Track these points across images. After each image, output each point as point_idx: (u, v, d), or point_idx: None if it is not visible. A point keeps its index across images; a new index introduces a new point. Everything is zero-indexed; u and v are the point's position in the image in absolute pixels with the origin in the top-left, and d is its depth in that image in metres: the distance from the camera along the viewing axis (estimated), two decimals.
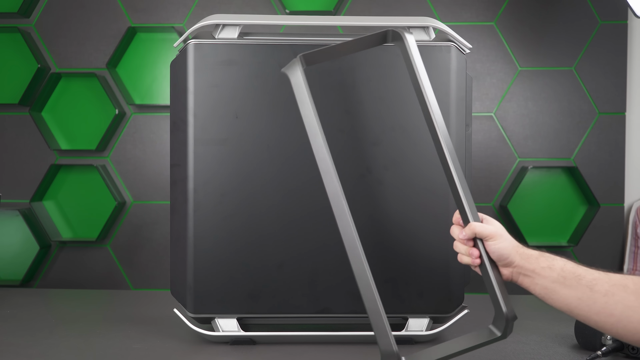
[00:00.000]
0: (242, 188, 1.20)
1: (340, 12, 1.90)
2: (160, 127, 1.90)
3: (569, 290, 0.97)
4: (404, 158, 1.21)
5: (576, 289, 0.97)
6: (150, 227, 1.90)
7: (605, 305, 0.94)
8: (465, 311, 1.25)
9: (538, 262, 1.00)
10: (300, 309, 1.21)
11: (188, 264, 1.20)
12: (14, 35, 1.90)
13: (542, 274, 0.99)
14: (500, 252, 1.00)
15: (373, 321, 0.95)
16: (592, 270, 0.98)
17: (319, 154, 0.98)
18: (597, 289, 0.95)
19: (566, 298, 0.97)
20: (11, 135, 1.91)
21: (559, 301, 0.98)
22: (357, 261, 0.96)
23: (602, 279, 0.96)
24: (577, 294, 0.96)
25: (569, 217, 1.93)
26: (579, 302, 0.96)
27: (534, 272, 0.99)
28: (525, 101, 1.90)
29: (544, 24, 1.90)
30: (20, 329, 1.32)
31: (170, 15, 1.90)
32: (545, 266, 0.99)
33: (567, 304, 0.98)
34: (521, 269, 1.00)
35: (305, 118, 1.00)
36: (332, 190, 0.97)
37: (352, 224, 0.96)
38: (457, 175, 1.01)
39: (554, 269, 0.99)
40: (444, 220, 1.21)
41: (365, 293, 0.95)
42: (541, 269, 0.99)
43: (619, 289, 0.95)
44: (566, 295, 0.97)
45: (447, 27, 1.22)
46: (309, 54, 1.04)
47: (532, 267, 1.00)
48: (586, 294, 0.96)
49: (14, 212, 1.88)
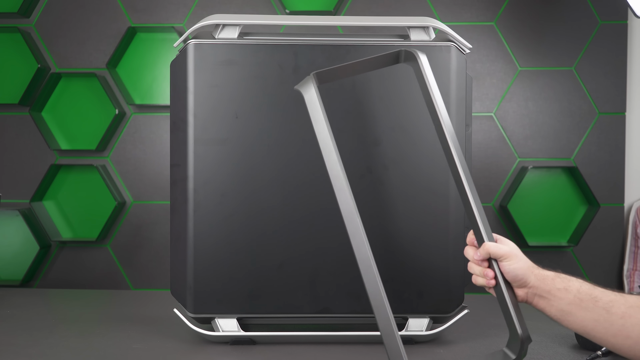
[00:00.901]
0: (242, 188, 1.20)
1: (340, 12, 1.90)
2: (160, 127, 1.90)
3: (585, 312, 0.96)
4: (404, 158, 1.21)
5: (593, 311, 0.96)
6: (150, 227, 1.90)
7: (622, 328, 0.94)
8: (465, 311, 1.25)
9: (554, 283, 0.99)
10: (300, 309, 1.21)
11: (188, 264, 1.20)
12: (14, 35, 1.90)
13: (558, 296, 0.98)
14: (516, 272, 0.99)
15: (387, 343, 0.94)
16: (608, 291, 0.97)
17: (333, 171, 0.96)
18: (613, 311, 0.94)
19: (582, 320, 0.96)
20: (11, 135, 1.91)
21: (575, 323, 0.97)
22: (373, 286, 0.93)
23: (619, 300, 0.95)
24: (594, 316, 0.95)
25: (569, 217, 1.93)
26: (596, 324, 0.95)
27: (549, 294, 0.98)
28: (525, 101, 1.90)
29: (544, 24, 1.90)
30: (20, 329, 1.32)
31: (170, 15, 1.90)
32: (562, 287, 0.98)
33: (584, 326, 0.97)
34: (537, 290, 0.99)
35: (319, 135, 0.98)
36: (346, 208, 0.95)
37: (367, 244, 0.94)
38: (472, 197, 1.00)
39: (570, 291, 0.97)
40: (444, 220, 1.21)
41: (381, 320, 0.93)
42: (557, 290, 0.98)
43: (636, 311, 0.94)
44: (583, 318, 0.96)
45: (447, 27, 1.22)
46: (323, 72, 1.04)
47: (547, 288, 0.98)
48: (603, 316, 0.95)
49: (14, 212, 1.88)
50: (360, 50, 1.20)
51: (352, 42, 1.21)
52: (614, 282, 1.93)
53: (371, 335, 1.22)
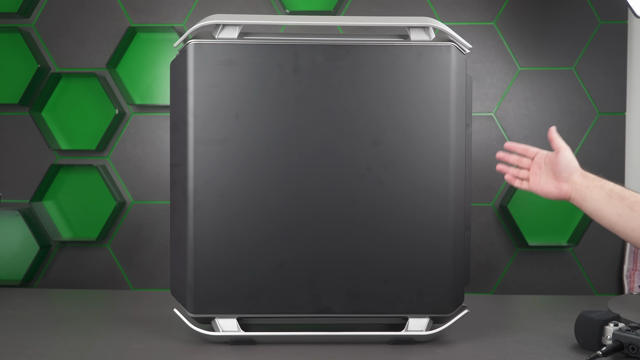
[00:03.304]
0: (242, 188, 1.20)
1: (340, 12, 1.90)
2: (160, 127, 1.90)
3: (612, 208, 1.12)
4: (404, 158, 1.21)
5: (618, 207, 1.11)
6: (150, 227, 1.90)
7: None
8: (465, 311, 1.25)
9: (593, 181, 1.16)
10: (300, 309, 1.21)
11: (188, 264, 1.20)
12: (14, 35, 1.90)
13: (593, 192, 1.14)
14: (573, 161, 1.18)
15: None
16: (637, 193, 1.12)
17: None
18: (636, 208, 1.10)
19: (610, 215, 1.12)
20: (11, 135, 1.91)
21: (603, 218, 1.13)
22: None
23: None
24: (618, 211, 1.11)
25: (569, 217, 1.93)
26: (619, 219, 1.11)
27: (587, 189, 1.15)
28: (525, 101, 1.90)
29: (544, 24, 1.90)
30: (20, 329, 1.32)
31: (170, 15, 1.90)
32: (598, 185, 1.15)
33: (609, 220, 1.12)
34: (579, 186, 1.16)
35: None
36: None
37: None
38: None
39: (604, 188, 1.14)
40: (444, 220, 1.21)
41: None
42: (594, 187, 1.15)
43: None
44: (610, 213, 1.12)
45: (447, 27, 1.22)
46: None
47: (587, 183, 1.15)
48: (625, 211, 1.11)
49: (14, 212, 1.88)
50: (360, 50, 1.20)
51: (352, 42, 1.21)
52: (614, 282, 1.93)
53: (371, 335, 1.22)
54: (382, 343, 1.23)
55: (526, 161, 1.26)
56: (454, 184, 1.21)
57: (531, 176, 1.25)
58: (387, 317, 1.23)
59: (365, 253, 1.20)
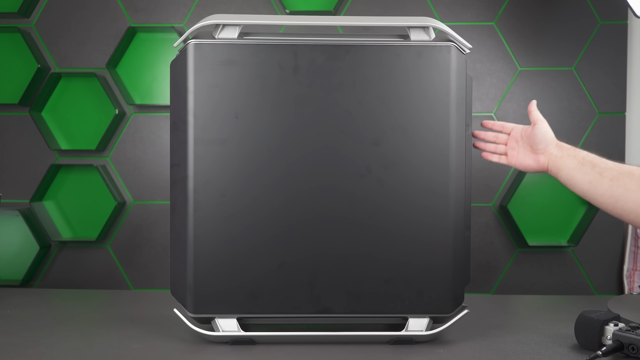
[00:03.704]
0: (242, 188, 1.20)
1: (340, 12, 1.90)
2: (160, 127, 1.90)
3: (583, 175, 1.14)
4: (404, 158, 1.21)
5: (589, 174, 1.14)
6: (150, 227, 1.91)
7: (609, 189, 1.11)
8: (465, 311, 1.25)
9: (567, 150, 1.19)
10: (300, 309, 1.21)
11: (188, 264, 1.20)
12: (14, 35, 1.90)
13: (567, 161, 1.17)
14: (549, 133, 1.21)
15: None
16: (609, 161, 1.15)
17: None
18: (605, 174, 1.12)
19: (581, 182, 1.15)
20: (11, 135, 1.91)
21: (576, 186, 1.16)
22: None
23: (613, 168, 1.13)
24: (589, 178, 1.14)
25: (569, 217, 1.93)
26: (590, 185, 1.14)
27: (561, 159, 1.18)
28: (525, 101, 1.90)
29: (544, 24, 1.90)
30: (20, 329, 1.32)
31: (170, 15, 1.90)
32: (571, 154, 1.18)
33: (581, 187, 1.15)
34: (554, 157, 1.19)
35: None
36: None
37: None
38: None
39: (577, 157, 1.17)
40: (444, 220, 1.21)
41: None
42: (567, 155, 1.18)
43: (624, 175, 1.11)
44: (581, 180, 1.15)
45: (447, 27, 1.23)
46: None
47: (561, 154, 1.18)
48: (596, 178, 1.13)
49: (14, 212, 1.88)
50: (360, 50, 1.21)
51: (352, 42, 1.21)
52: (614, 282, 1.93)
53: (371, 335, 1.22)
54: (382, 343, 1.23)
55: (503, 137, 1.29)
56: (454, 184, 1.21)
57: (509, 151, 1.27)
58: (387, 317, 1.23)
59: (365, 253, 1.21)
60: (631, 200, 1.09)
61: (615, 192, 1.11)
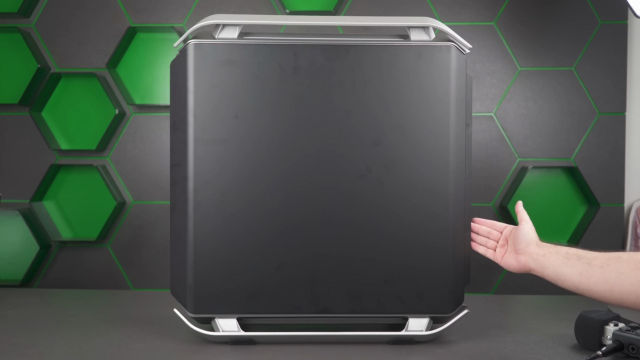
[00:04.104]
0: (242, 188, 1.20)
1: (340, 12, 1.90)
2: (160, 127, 1.90)
3: (571, 268, 1.13)
4: (404, 158, 1.21)
5: (577, 266, 1.12)
6: (150, 227, 1.90)
7: (602, 276, 1.09)
8: (465, 311, 1.25)
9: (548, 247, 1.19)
10: (300, 309, 1.21)
11: (188, 264, 1.20)
12: (14, 35, 1.90)
13: (551, 258, 1.16)
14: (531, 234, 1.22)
15: None
16: (593, 252, 1.14)
17: None
18: (594, 263, 1.11)
19: (571, 276, 1.13)
20: (11, 135, 1.91)
21: (566, 281, 1.14)
22: None
23: (600, 256, 1.13)
24: (578, 270, 1.12)
25: (569, 217, 1.93)
26: (581, 277, 1.12)
27: (544, 257, 1.17)
28: (525, 101, 1.90)
29: (544, 24, 1.90)
30: (20, 329, 1.32)
31: (170, 15, 1.90)
32: (553, 251, 1.17)
33: (572, 280, 1.13)
34: (536, 256, 1.18)
35: None
36: None
37: None
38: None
39: (560, 252, 1.16)
40: (444, 220, 1.21)
41: None
42: (550, 253, 1.17)
43: (613, 260, 1.10)
44: (570, 273, 1.13)
45: (447, 27, 1.23)
46: None
47: (542, 252, 1.18)
48: (585, 268, 1.11)
49: (14, 212, 1.88)
50: (360, 50, 1.21)
51: (352, 42, 1.21)
52: None
53: (371, 335, 1.22)
54: (382, 343, 1.23)
55: (495, 234, 1.29)
56: (454, 184, 1.21)
57: (498, 248, 1.27)
58: (387, 317, 1.23)
59: (365, 253, 1.21)
60: (628, 282, 1.06)
61: (609, 277, 1.08)
